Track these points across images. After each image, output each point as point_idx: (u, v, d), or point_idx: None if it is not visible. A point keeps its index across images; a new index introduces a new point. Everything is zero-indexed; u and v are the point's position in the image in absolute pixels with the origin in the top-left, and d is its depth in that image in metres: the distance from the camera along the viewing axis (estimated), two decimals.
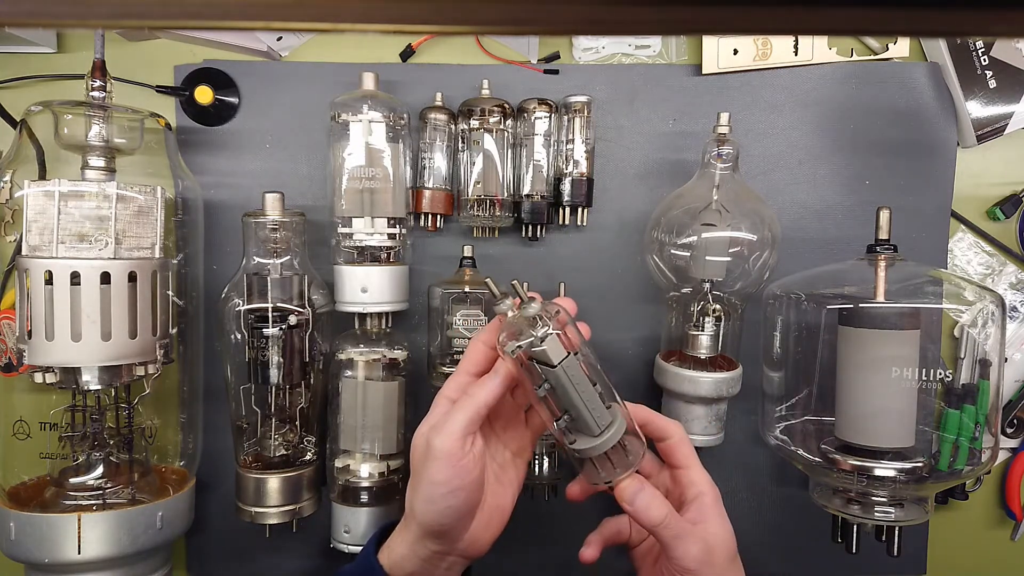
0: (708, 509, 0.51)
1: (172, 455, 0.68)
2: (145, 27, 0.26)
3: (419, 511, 0.48)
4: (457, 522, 0.48)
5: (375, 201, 0.63)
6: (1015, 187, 0.74)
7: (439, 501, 0.47)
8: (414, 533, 0.50)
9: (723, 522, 0.51)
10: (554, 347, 0.46)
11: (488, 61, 0.71)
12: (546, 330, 0.46)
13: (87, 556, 0.57)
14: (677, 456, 0.53)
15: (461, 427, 0.47)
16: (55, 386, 0.57)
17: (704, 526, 0.50)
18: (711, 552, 0.49)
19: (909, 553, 0.73)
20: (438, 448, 0.47)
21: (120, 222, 0.57)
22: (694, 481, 0.52)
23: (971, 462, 0.59)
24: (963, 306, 0.62)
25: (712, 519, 0.50)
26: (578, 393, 0.47)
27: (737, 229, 0.62)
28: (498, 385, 0.48)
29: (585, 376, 0.47)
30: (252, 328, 0.62)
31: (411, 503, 0.50)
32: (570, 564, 0.73)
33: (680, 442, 0.53)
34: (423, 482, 0.48)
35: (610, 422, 0.48)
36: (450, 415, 0.47)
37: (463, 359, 0.52)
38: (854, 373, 0.58)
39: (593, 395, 0.47)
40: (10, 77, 0.69)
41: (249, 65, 0.70)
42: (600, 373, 0.49)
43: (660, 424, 0.53)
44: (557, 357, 0.46)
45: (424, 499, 0.48)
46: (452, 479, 0.47)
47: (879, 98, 0.71)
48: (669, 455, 0.53)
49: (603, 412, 0.48)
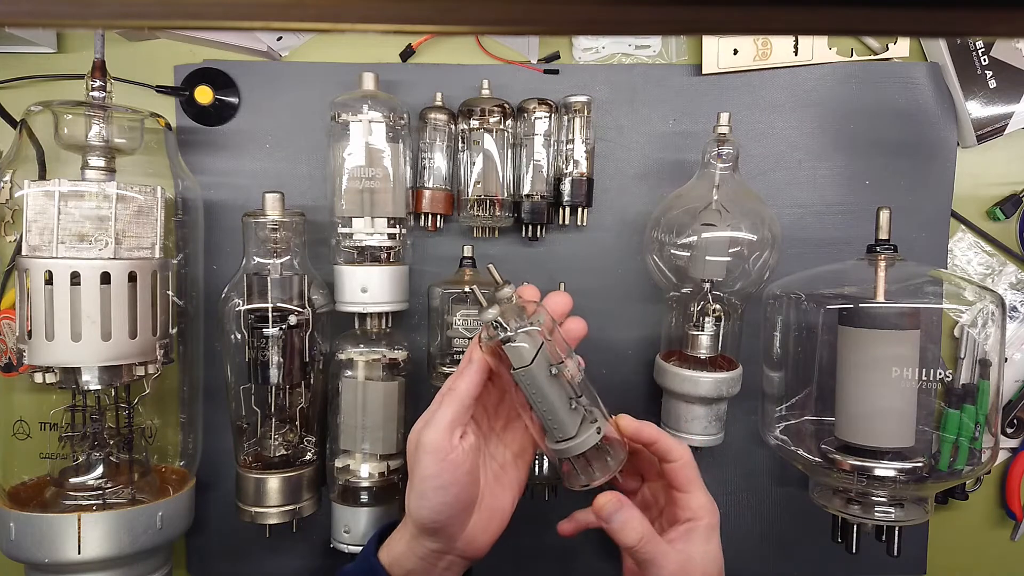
0: (695, 536, 0.50)
1: (172, 455, 0.68)
2: (145, 27, 0.26)
3: (413, 508, 0.49)
4: (451, 519, 0.48)
5: (375, 201, 0.63)
6: (1015, 187, 0.74)
7: (431, 496, 0.47)
8: (411, 531, 0.50)
9: (709, 549, 0.50)
10: (515, 352, 0.47)
11: (488, 61, 0.71)
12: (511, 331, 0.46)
13: (87, 556, 0.57)
14: (680, 479, 0.51)
15: (447, 420, 0.47)
16: (55, 386, 0.57)
17: (684, 551, 0.49)
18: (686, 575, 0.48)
19: (909, 553, 0.73)
20: (426, 442, 0.47)
21: (120, 222, 0.57)
22: (691, 507, 0.51)
23: (971, 462, 0.59)
24: (963, 306, 0.62)
25: (696, 546, 0.50)
26: (535, 400, 0.47)
27: (737, 229, 0.62)
28: (475, 373, 0.48)
29: (545, 386, 0.47)
30: (252, 328, 0.62)
31: (407, 501, 0.50)
32: (570, 564, 0.73)
33: (684, 466, 0.51)
34: (415, 478, 0.48)
35: (573, 435, 0.48)
36: (436, 410, 0.48)
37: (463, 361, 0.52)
38: (854, 373, 0.58)
39: (553, 405, 0.47)
40: (10, 77, 0.69)
41: (249, 65, 0.70)
42: (586, 384, 0.49)
43: (667, 445, 0.51)
44: (518, 362, 0.47)
45: (416, 495, 0.48)
46: (442, 473, 0.47)
47: (879, 98, 0.71)
48: (672, 477, 0.52)
49: (565, 423, 0.48)
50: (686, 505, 0.51)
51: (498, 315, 0.47)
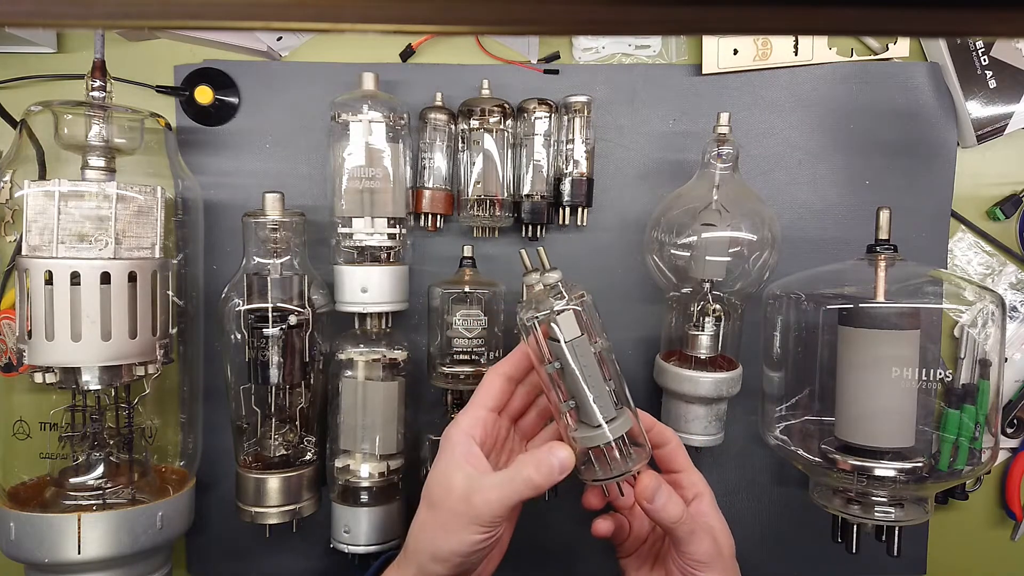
0: (708, 507, 0.53)
1: (172, 455, 0.68)
2: (145, 27, 0.26)
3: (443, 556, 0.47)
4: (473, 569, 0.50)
5: (375, 201, 0.63)
6: (1015, 187, 0.74)
7: (468, 556, 0.47)
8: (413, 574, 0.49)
9: (722, 519, 0.53)
10: (567, 322, 0.48)
11: (488, 61, 0.71)
12: (563, 304, 0.48)
13: (87, 556, 0.57)
14: (678, 460, 0.55)
15: (515, 500, 0.46)
16: (55, 386, 0.57)
17: (708, 522, 0.52)
18: (719, 545, 0.51)
19: (909, 553, 0.73)
20: (483, 512, 0.46)
21: (120, 222, 0.57)
22: (694, 482, 0.54)
23: (971, 462, 0.59)
24: (963, 306, 0.62)
25: (713, 516, 0.53)
26: (583, 375, 0.48)
27: (737, 229, 0.62)
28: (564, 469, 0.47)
29: (594, 361, 0.48)
30: (252, 328, 0.62)
31: (423, 544, 0.48)
32: (571, 564, 0.73)
33: (679, 447, 0.55)
34: (452, 536, 0.47)
35: (614, 416, 0.48)
36: (507, 482, 0.47)
37: (479, 391, 0.52)
38: (854, 373, 0.58)
39: (600, 382, 0.48)
40: (10, 77, 0.69)
41: (249, 65, 0.70)
42: (617, 371, 0.50)
43: (659, 429, 0.55)
44: (569, 333, 0.47)
45: (453, 552, 0.47)
46: (487, 539, 0.47)
47: (879, 98, 0.71)
48: (669, 460, 0.55)
49: (607, 403, 0.48)
50: (687, 483, 0.54)
51: (560, 279, 0.49)
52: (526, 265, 0.51)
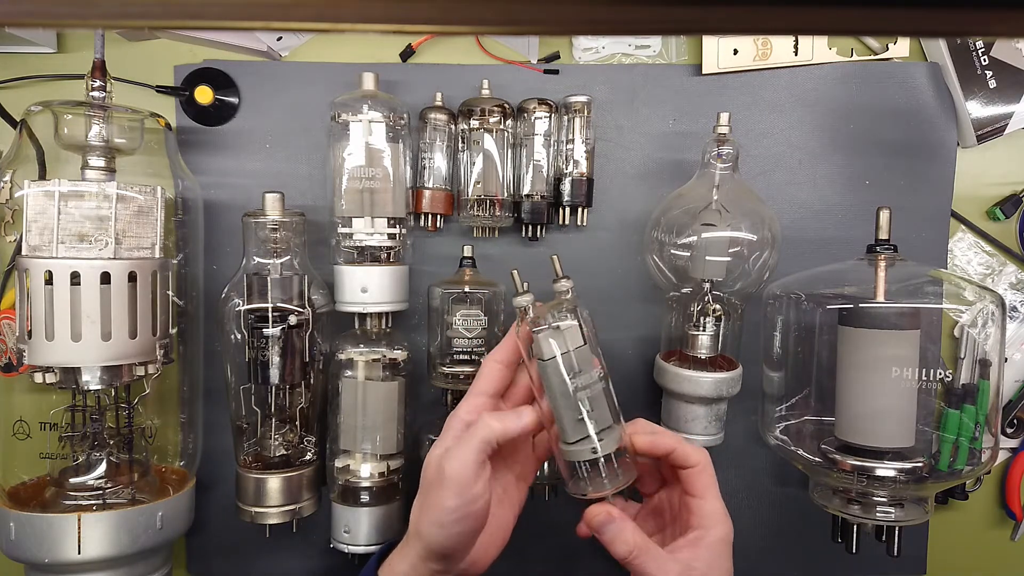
0: (702, 547, 0.49)
1: (172, 455, 0.68)
2: (145, 27, 0.26)
3: (426, 533, 0.48)
4: (462, 546, 0.49)
5: (375, 201, 0.63)
6: (1015, 187, 0.74)
7: (449, 526, 0.47)
8: (417, 552, 0.49)
9: (716, 561, 0.49)
10: (545, 342, 0.48)
11: (488, 61, 0.71)
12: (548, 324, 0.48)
13: (87, 556, 0.57)
14: (697, 485, 0.50)
15: (475, 456, 0.47)
16: (55, 386, 0.57)
17: (685, 562, 0.48)
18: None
19: (909, 553, 0.73)
20: (451, 475, 0.47)
21: (120, 222, 0.57)
22: (703, 513, 0.50)
23: (971, 462, 0.59)
24: (963, 306, 0.62)
25: (701, 555, 0.48)
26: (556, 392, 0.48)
27: (737, 229, 0.62)
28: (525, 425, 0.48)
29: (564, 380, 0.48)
30: (252, 328, 0.62)
31: (417, 523, 0.49)
32: (571, 564, 0.73)
33: (702, 471, 0.50)
34: (433, 507, 0.48)
35: (585, 436, 0.48)
36: (464, 441, 0.48)
37: (477, 378, 0.52)
38: (854, 373, 0.58)
39: (571, 401, 0.48)
40: (10, 77, 0.69)
41: (249, 65, 0.70)
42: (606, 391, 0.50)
43: (684, 452, 0.51)
44: (548, 353, 0.48)
45: (434, 523, 0.48)
46: (463, 506, 0.47)
47: (879, 98, 0.71)
48: (690, 482, 0.51)
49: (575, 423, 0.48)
50: (699, 511, 0.50)
51: (571, 286, 0.50)
52: (557, 272, 0.51)
